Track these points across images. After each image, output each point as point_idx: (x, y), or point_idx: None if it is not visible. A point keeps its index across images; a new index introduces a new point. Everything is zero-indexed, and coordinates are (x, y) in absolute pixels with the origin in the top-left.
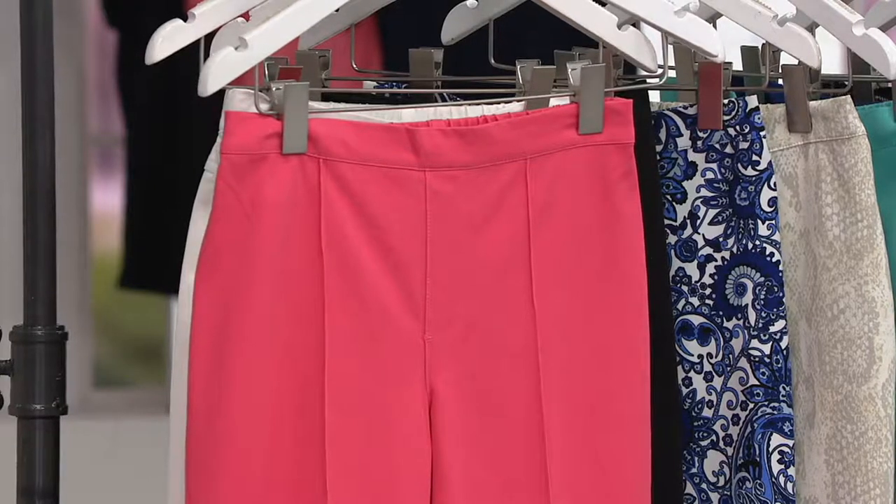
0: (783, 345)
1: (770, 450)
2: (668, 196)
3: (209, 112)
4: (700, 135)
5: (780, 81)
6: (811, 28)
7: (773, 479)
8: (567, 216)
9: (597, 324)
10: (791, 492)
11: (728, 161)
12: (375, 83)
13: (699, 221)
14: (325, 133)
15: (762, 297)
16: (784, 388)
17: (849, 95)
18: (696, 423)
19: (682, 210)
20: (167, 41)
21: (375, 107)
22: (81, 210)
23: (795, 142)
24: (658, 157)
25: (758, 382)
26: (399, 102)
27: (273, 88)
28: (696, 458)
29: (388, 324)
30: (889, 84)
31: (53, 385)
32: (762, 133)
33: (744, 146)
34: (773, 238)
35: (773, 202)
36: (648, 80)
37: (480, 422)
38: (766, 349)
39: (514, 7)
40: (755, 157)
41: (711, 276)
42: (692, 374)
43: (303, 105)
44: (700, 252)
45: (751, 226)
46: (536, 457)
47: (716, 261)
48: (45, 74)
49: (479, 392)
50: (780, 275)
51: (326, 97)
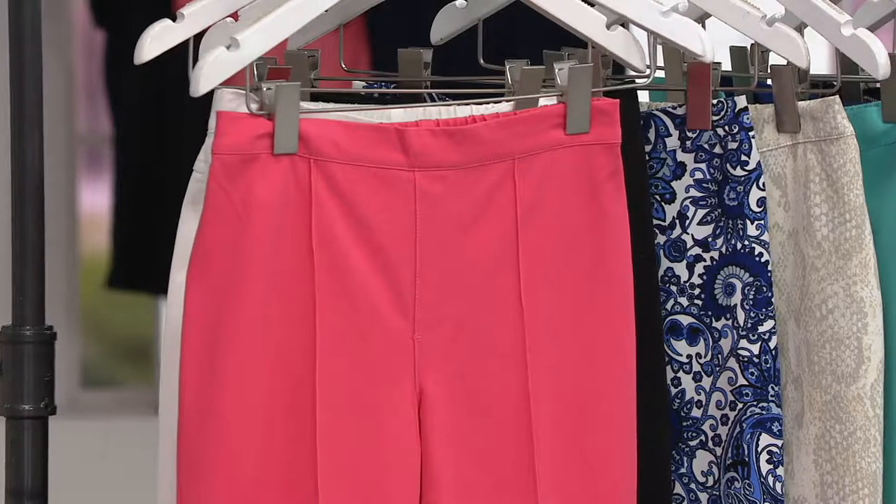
0: (772, 345)
1: (759, 450)
2: (657, 196)
3: (197, 112)
4: (689, 135)
5: (769, 82)
6: (800, 28)
7: (762, 480)
8: (555, 216)
9: (584, 323)
10: (780, 492)
11: (717, 161)
12: (364, 83)
13: (688, 221)
14: (316, 133)
15: (751, 298)
16: (773, 389)
17: (837, 96)
18: (685, 424)
19: (671, 210)
20: (156, 41)
21: (365, 107)
22: (70, 210)
23: (784, 142)
24: (647, 158)
25: (747, 382)
26: (388, 102)
27: (264, 88)
28: (685, 459)
29: (378, 324)
30: (877, 84)
31: (42, 385)
32: (751, 133)
33: (733, 146)
34: (762, 238)
35: (762, 202)
36: (637, 81)
37: (469, 421)
38: (755, 349)
39: (503, 7)
40: (744, 158)
41: (700, 276)
42: (681, 375)
43: (294, 105)
44: (689, 252)
45: (739, 226)
46: (525, 456)
47: (705, 261)
48: (34, 74)
49: (468, 392)
50: (769, 275)
51: (315, 97)
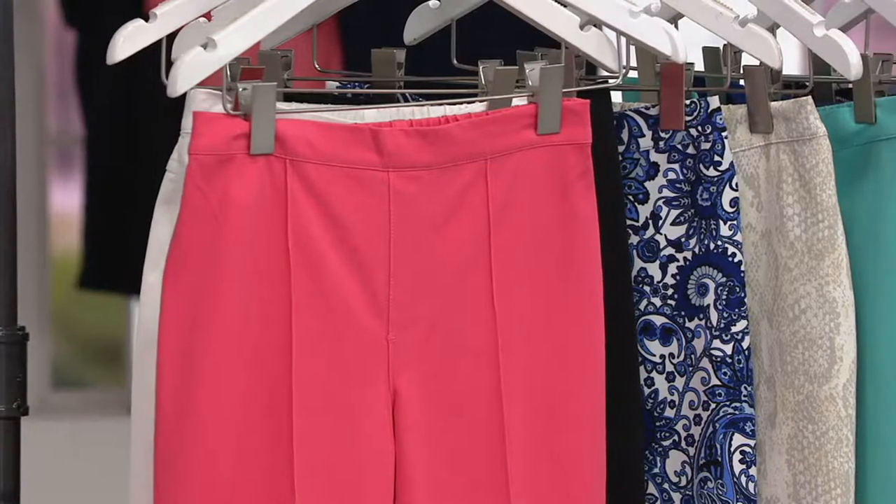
0: (745, 345)
1: (732, 450)
2: (630, 196)
3: (169, 112)
4: (662, 135)
5: (742, 82)
6: (772, 29)
7: (735, 479)
8: (526, 216)
9: (556, 323)
10: (752, 492)
11: (690, 161)
12: (338, 83)
13: (661, 222)
14: (291, 133)
15: (724, 298)
16: (746, 389)
17: (810, 96)
18: (658, 424)
19: (644, 210)
20: (129, 41)
21: (339, 107)
22: (40, 210)
23: (757, 142)
24: (620, 158)
25: (719, 383)
26: (361, 103)
27: (240, 89)
28: (658, 459)
29: (353, 324)
30: (850, 85)
31: (14, 386)
32: (724, 134)
33: (705, 147)
34: (735, 238)
35: (735, 203)
36: (610, 81)
37: (443, 422)
38: (728, 349)
39: (476, 7)
40: (717, 158)
41: (673, 277)
42: (654, 375)
43: (270, 105)
44: (662, 252)
45: (712, 226)
46: (497, 456)
47: (678, 261)
48: (6, 74)
49: (442, 392)
50: (742, 275)
51: (289, 98)
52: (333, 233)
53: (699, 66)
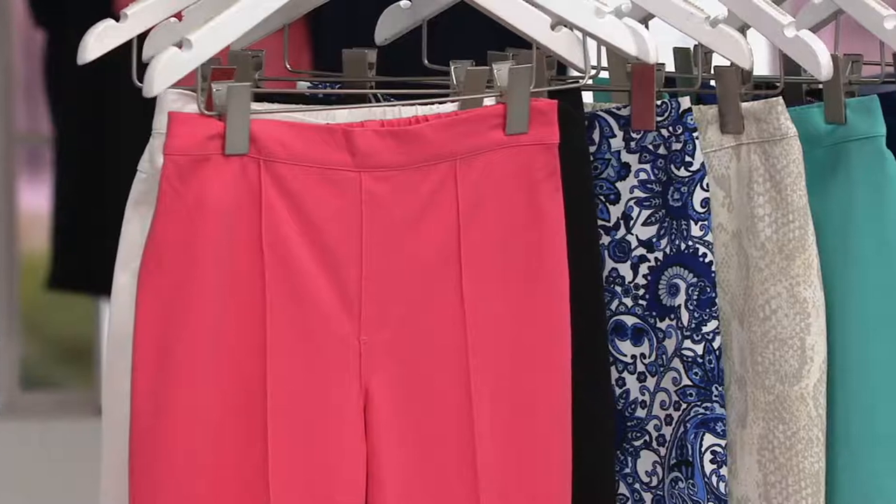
0: (716, 345)
1: (702, 450)
2: (602, 197)
3: (138, 112)
4: (633, 136)
5: (713, 83)
6: (742, 30)
7: (706, 479)
8: (495, 216)
9: (524, 323)
10: (723, 491)
11: (661, 162)
12: (309, 84)
13: (632, 222)
14: (265, 134)
15: (695, 298)
16: (716, 389)
17: (781, 97)
18: (630, 424)
19: (616, 211)
20: (99, 41)
21: (310, 108)
22: (9, 210)
23: (728, 143)
24: (591, 158)
25: (690, 383)
26: (333, 103)
27: (214, 89)
28: (630, 459)
29: (326, 325)
30: (820, 85)
31: None
32: (695, 134)
33: (677, 147)
34: (706, 239)
35: (706, 203)
36: (579, 81)
37: (414, 422)
38: (699, 349)
39: (448, 8)
40: (688, 158)
41: (645, 277)
42: (625, 375)
43: (245, 106)
44: (633, 253)
45: (683, 226)
46: (467, 457)
47: (649, 261)
48: None
49: (413, 393)
50: (713, 275)
51: (260, 98)
52: (306, 233)
53: (670, 67)
